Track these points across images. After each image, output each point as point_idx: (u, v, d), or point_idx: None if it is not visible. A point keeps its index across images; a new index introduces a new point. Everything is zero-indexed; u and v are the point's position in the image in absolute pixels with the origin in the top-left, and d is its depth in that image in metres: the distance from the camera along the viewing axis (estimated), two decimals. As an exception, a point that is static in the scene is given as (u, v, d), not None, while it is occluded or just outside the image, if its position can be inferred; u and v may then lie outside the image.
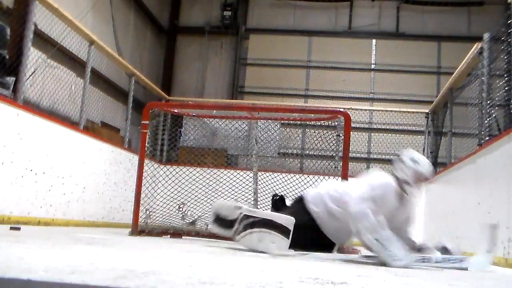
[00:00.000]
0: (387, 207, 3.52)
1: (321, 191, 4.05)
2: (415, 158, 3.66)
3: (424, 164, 3.65)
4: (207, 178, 6.56)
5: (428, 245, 3.82)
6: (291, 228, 3.53)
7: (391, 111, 10.58)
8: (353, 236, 3.83)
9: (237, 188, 6.01)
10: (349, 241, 4.14)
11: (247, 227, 3.71)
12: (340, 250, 4.36)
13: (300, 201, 4.12)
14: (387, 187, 3.59)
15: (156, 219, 5.65)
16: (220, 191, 6.21)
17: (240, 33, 13.20)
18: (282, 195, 4.32)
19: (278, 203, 4.26)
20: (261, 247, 3.57)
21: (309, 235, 3.92)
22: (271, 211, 4.18)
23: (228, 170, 6.95)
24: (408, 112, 10.16)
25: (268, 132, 7.30)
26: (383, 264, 3.14)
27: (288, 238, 3.54)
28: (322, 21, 13.10)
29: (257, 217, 3.68)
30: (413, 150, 3.89)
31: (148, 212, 5.47)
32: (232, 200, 5.61)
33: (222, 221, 3.99)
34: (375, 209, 3.34)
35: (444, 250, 3.62)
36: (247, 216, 3.76)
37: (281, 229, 3.53)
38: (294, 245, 3.59)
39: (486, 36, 5.55)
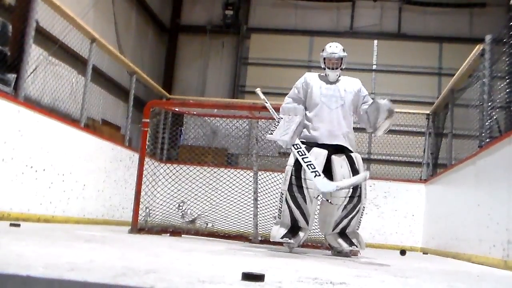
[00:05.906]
0: (315, 89, 4.54)
1: None
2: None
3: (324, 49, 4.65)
4: (207, 177, 6.58)
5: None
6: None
7: (392, 111, 10.53)
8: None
9: (237, 187, 6.01)
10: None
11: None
12: None
13: None
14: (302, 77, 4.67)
15: (156, 217, 5.65)
16: (220, 190, 6.22)
17: (242, 33, 13.18)
18: None
19: None
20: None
21: None
22: None
23: (228, 169, 6.96)
24: (409, 113, 10.12)
25: (269, 132, 7.28)
26: None
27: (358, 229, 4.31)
28: (324, 21, 13.08)
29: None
30: None
31: (148, 210, 5.47)
32: None
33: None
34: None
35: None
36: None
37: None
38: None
39: (488, 37, 5.54)
